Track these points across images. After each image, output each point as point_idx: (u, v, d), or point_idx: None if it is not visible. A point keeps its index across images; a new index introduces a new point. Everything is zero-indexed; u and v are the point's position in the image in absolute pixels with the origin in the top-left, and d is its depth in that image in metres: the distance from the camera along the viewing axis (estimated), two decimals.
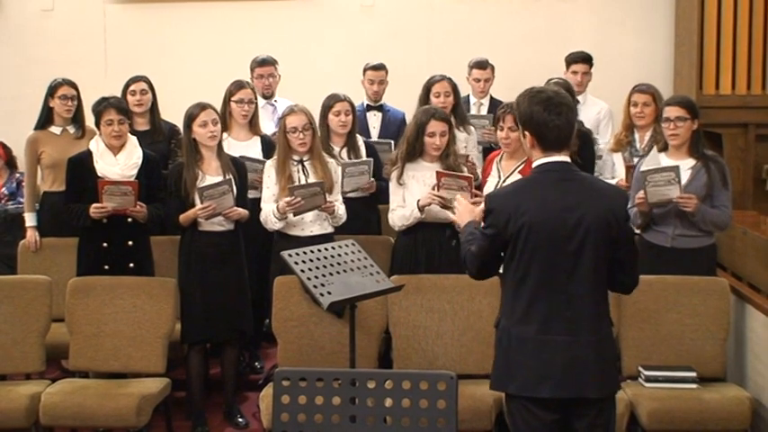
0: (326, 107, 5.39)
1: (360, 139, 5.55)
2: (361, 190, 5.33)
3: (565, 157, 3.26)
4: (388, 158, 5.19)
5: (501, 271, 3.40)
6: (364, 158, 5.39)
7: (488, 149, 5.62)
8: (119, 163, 5.06)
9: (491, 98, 6.44)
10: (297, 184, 4.89)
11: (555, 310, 3.21)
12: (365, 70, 6.26)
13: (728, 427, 4.37)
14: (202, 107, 4.96)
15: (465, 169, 4.98)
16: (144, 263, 5.16)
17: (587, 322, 3.22)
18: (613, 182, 5.40)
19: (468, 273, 3.46)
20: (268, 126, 5.89)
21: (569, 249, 3.20)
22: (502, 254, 3.33)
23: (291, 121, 4.95)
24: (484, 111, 6.31)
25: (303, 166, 4.99)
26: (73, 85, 5.60)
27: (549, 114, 3.19)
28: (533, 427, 3.26)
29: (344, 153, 5.39)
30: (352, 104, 5.45)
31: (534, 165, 3.31)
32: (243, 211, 4.95)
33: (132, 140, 5.16)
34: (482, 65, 6.39)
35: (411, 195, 4.92)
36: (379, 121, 6.20)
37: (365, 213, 5.36)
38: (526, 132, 3.26)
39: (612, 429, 3.33)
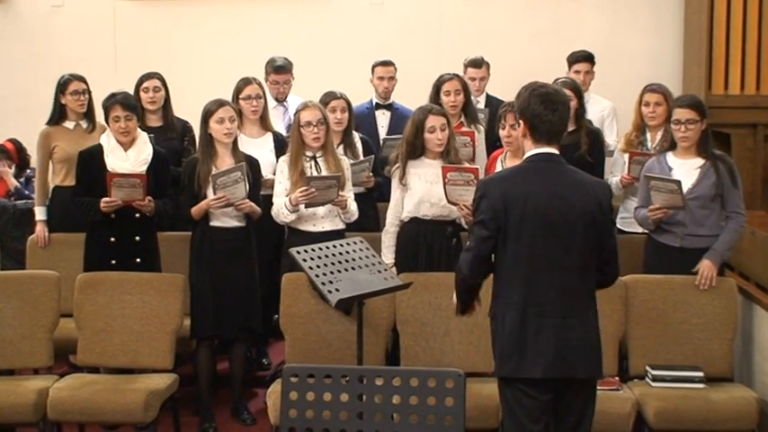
0: (322, 104, 5.29)
1: (356, 136, 5.52)
2: (359, 185, 5.32)
3: (554, 150, 3.43)
4: (389, 158, 5.14)
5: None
6: (364, 158, 5.39)
7: (493, 148, 5.59)
8: (129, 159, 5.06)
9: (487, 95, 6.40)
10: (312, 175, 4.88)
11: (546, 294, 3.36)
12: (374, 67, 6.22)
13: (735, 427, 4.37)
14: (220, 104, 4.96)
15: (467, 164, 4.93)
16: (151, 258, 5.17)
17: (577, 306, 3.38)
18: (617, 177, 5.41)
19: (462, 276, 3.54)
20: (278, 127, 5.85)
21: (560, 235, 3.35)
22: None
23: (305, 116, 4.94)
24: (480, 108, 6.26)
25: (316, 161, 4.98)
26: (83, 80, 5.59)
27: (545, 109, 3.37)
28: (527, 406, 3.38)
29: (341, 150, 5.33)
30: (348, 102, 5.43)
31: (525, 155, 3.49)
32: (255, 206, 4.96)
33: (143, 136, 5.15)
34: (477, 63, 6.33)
35: (413, 194, 4.91)
36: (387, 119, 6.17)
37: (363, 209, 5.23)
38: (521, 121, 3.46)
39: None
